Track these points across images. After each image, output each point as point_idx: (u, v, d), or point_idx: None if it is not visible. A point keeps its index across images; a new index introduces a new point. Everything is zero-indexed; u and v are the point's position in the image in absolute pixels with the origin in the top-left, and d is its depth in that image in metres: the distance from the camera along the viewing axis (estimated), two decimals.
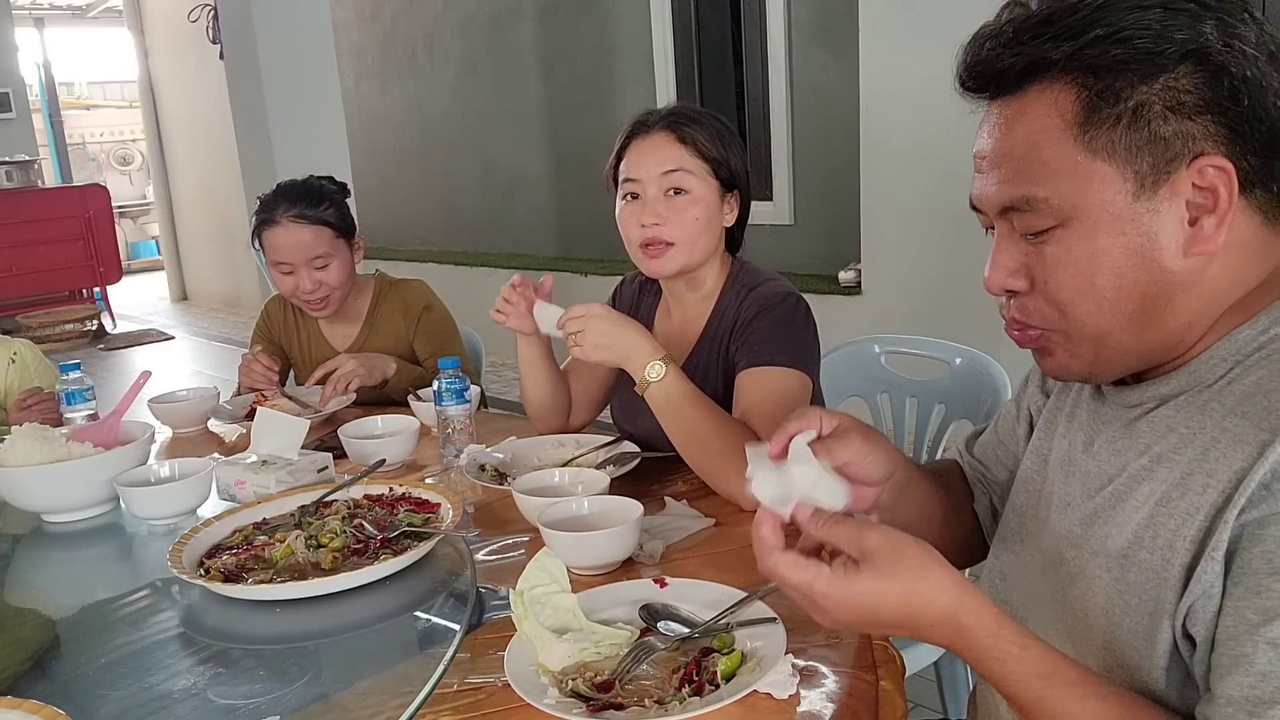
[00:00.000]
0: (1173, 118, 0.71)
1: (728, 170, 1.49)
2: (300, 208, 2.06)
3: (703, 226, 1.48)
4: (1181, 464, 0.73)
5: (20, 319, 7.52)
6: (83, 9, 12.48)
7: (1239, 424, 0.70)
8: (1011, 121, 0.76)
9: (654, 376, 1.35)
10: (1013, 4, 0.77)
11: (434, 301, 2.25)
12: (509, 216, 6.65)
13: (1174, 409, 0.77)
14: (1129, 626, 0.75)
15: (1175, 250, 0.73)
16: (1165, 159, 0.71)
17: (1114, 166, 0.72)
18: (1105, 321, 0.76)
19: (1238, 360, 0.74)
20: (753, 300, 1.48)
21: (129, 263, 11.17)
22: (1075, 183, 0.73)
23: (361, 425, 1.73)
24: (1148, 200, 0.72)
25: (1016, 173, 0.76)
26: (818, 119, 4.68)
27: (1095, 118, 0.72)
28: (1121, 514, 0.77)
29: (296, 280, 2.07)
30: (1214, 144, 0.71)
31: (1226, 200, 0.71)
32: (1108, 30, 0.71)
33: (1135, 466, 0.78)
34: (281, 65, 4.91)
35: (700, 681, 0.87)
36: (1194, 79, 0.70)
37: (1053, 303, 0.78)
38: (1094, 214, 0.73)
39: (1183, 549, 0.71)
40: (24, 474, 1.46)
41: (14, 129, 8.23)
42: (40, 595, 1.35)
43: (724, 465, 1.33)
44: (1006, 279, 0.80)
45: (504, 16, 6.32)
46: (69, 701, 0.89)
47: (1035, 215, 0.76)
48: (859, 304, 4.10)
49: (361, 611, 1.12)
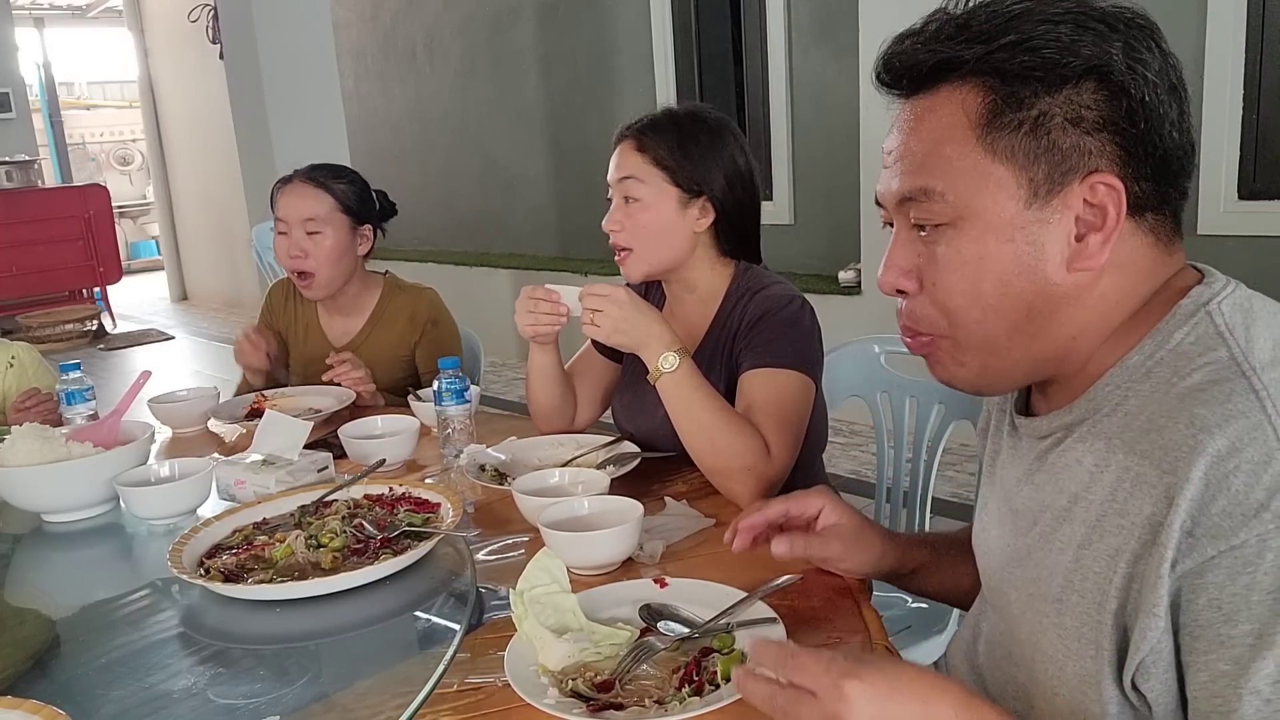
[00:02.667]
0: (1072, 130, 0.73)
1: (686, 177, 1.48)
2: (317, 174, 2.10)
3: (654, 234, 1.49)
4: (1095, 504, 0.74)
5: (20, 319, 7.52)
6: (83, 9, 12.47)
7: (1140, 464, 0.70)
8: (920, 118, 0.78)
9: (667, 367, 1.35)
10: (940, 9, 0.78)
11: (442, 316, 2.22)
12: (509, 216, 6.65)
13: (1079, 440, 0.77)
14: (1074, 670, 0.75)
15: (1059, 263, 0.74)
16: (1061, 170, 0.73)
17: (1011, 171, 0.74)
18: (990, 329, 0.77)
19: (1128, 386, 0.75)
20: (757, 303, 1.48)
21: (129, 263, 11.16)
22: (972, 182, 0.75)
23: (361, 425, 1.73)
24: (1039, 210, 0.74)
25: (918, 165, 0.78)
26: (818, 119, 4.68)
27: (999, 121, 0.74)
28: (1050, 556, 0.78)
29: (288, 243, 2.08)
30: (1108, 162, 0.73)
31: (1114, 219, 0.73)
32: (1019, 37, 0.73)
33: (1056, 506, 0.78)
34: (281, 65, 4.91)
35: (700, 681, 0.87)
36: (1095, 96, 0.72)
37: (940, 307, 0.79)
38: (986, 216, 0.75)
39: (1112, 595, 0.71)
40: (24, 474, 1.46)
41: (14, 129, 8.23)
42: (40, 595, 1.35)
43: (728, 461, 1.33)
44: (898, 278, 0.81)
45: (504, 16, 6.32)
46: (69, 701, 0.89)
47: (930, 205, 0.77)
48: (859, 304, 4.10)
49: (361, 611, 1.12)
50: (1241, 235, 3.20)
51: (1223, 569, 0.64)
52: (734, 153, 1.50)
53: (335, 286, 2.13)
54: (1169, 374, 0.72)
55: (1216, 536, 0.64)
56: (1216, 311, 0.73)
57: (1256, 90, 3.23)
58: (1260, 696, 0.63)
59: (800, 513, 1.07)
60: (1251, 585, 0.64)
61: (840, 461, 3.75)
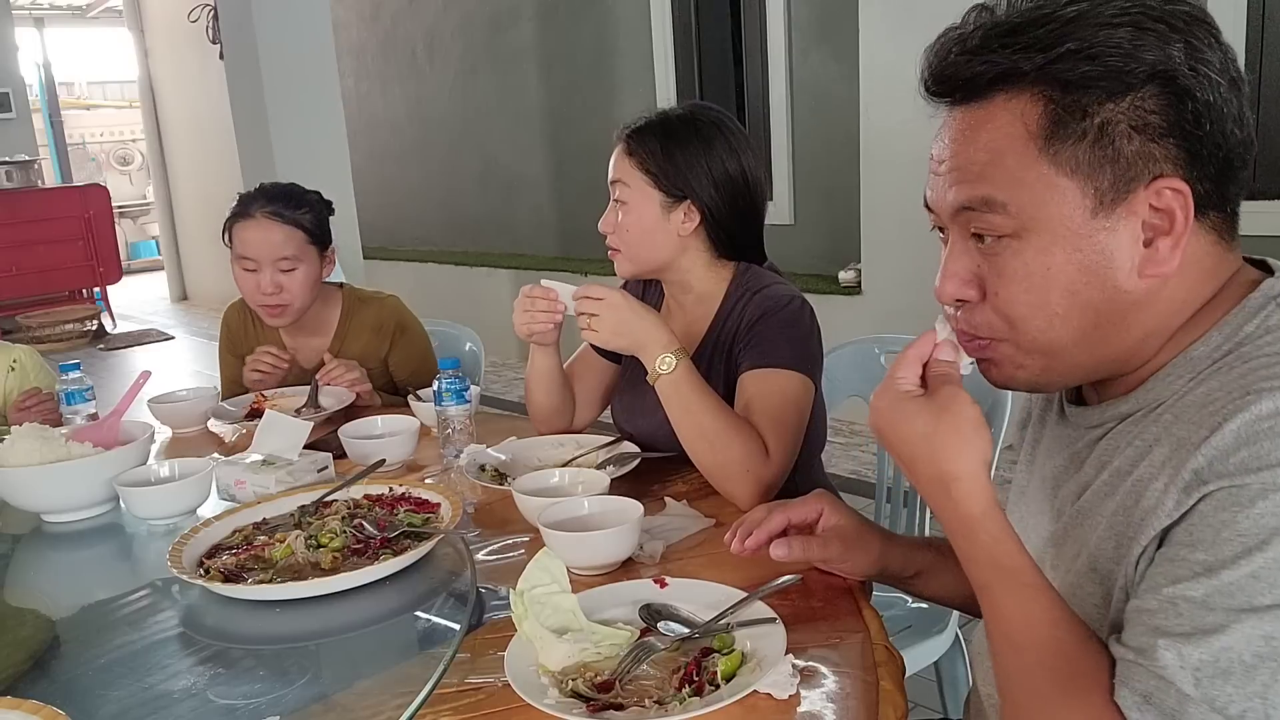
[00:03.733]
0: (1136, 137, 0.71)
1: (669, 182, 1.48)
2: (277, 206, 2.01)
3: (638, 236, 1.50)
4: (1134, 475, 0.73)
5: (20, 319, 7.52)
6: (83, 9, 12.47)
7: (1184, 428, 0.70)
8: (975, 128, 0.76)
9: (665, 368, 1.36)
10: (979, 8, 0.76)
11: (408, 321, 2.18)
12: (509, 216, 6.65)
13: (1133, 424, 0.77)
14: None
15: (1130, 270, 0.73)
16: (1126, 178, 0.72)
17: (1075, 182, 0.72)
18: (1056, 336, 0.77)
19: (1192, 376, 0.74)
20: (756, 303, 1.48)
21: (129, 263, 11.16)
22: (1035, 194, 0.73)
23: (361, 425, 1.73)
24: (1105, 218, 0.73)
25: (977, 175, 0.76)
26: (818, 119, 4.68)
27: (1061, 132, 0.72)
28: (1088, 531, 0.78)
29: (258, 280, 2.01)
30: (1173, 166, 0.71)
31: (1182, 223, 0.72)
32: (1079, 45, 0.71)
33: (1099, 483, 0.78)
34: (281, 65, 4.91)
35: (700, 681, 0.87)
36: (1159, 100, 0.71)
37: (1003, 315, 0.78)
38: (1051, 228, 0.74)
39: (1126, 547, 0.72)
40: (24, 474, 1.45)
41: (14, 129, 8.23)
42: (40, 595, 1.35)
43: (726, 463, 1.33)
44: (959, 288, 0.80)
45: (504, 16, 6.32)
46: (69, 701, 0.89)
47: (992, 217, 0.75)
48: (859, 304, 4.10)
49: (361, 611, 1.12)
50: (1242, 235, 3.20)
51: (1214, 501, 0.64)
52: (724, 156, 1.49)
53: (304, 311, 2.10)
54: (1235, 361, 0.71)
55: (1222, 475, 0.64)
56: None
57: (1257, 90, 3.23)
58: (1175, 608, 0.64)
59: (801, 518, 1.08)
60: (1228, 522, 0.63)
61: (840, 461, 3.75)
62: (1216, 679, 0.62)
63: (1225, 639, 0.62)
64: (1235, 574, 0.62)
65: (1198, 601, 0.63)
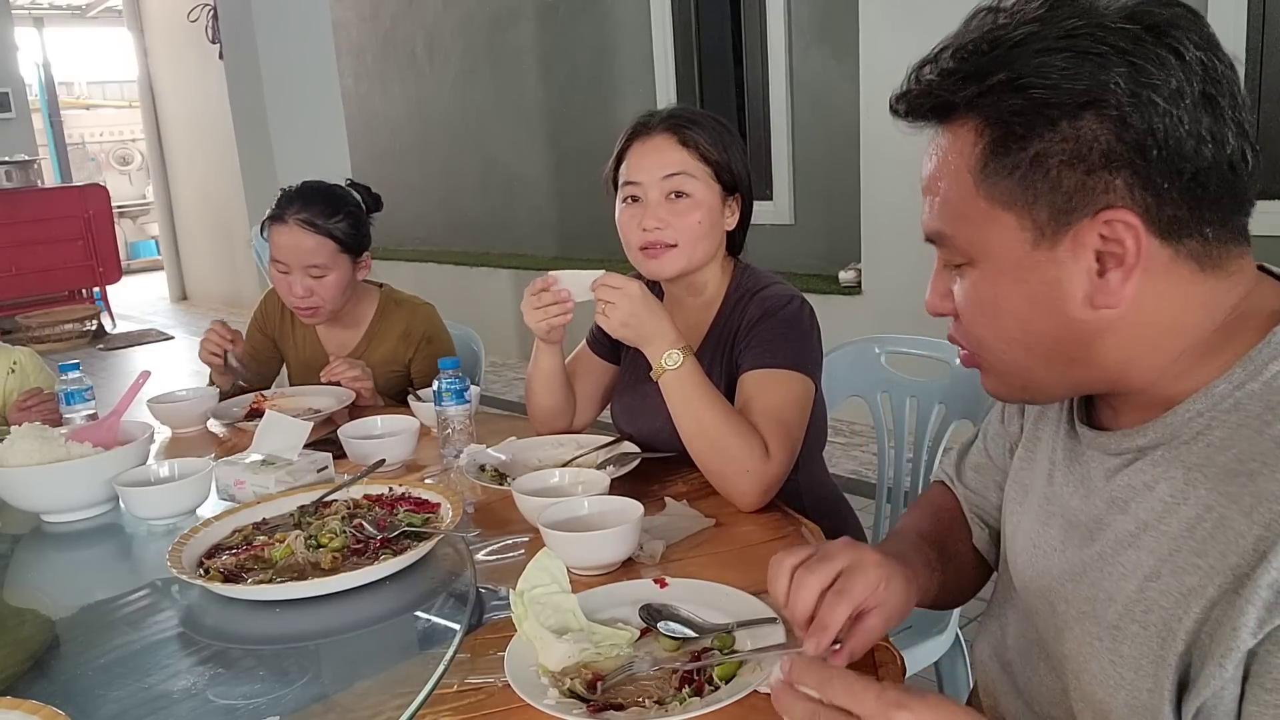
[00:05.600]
0: (1075, 169, 0.68)
1: (730, 173, 1.48)
2: (311, 213, 2.01)
3: (704, 230, 1.48)
4: (1168, 537, 0.70)
5: (20, 319, 7.52)
6: (82, 9, 12.48)
7: (1226, 506, 0.66)
8: (934, 155, 0.77)
9: (670, 365, 1.36)
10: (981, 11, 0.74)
11: (436, 332, 2.20)
12: (509, 216, 6.65)
13: (1152, 464, 0.74)
14: (1124, 700, 0.72)
15: (1081, 301, 0.71)
16: (1065, 210, 0.69)
17: (1012, 214, 0.72)
18: (1019, 360, 0.77)
19: (1213, 415, 0.71)
20: (757, 304, 1.48)
21: (129, 263, 11.17)
22: (976, 227, 0.74)
23: (361, 425, 1.73)
24: (1048, 250, 0.71)
25: (935, 208, 0.77)
26: (818, 119, 4.68)
27: (994, 165, 0.71)
28: (1110, 580, 0.75)
29: (290, 283, 2.03)
30: (1121, 197, 0.68)
31: (1134, 255, 0.69)
32: (1009, 76, 0.69)
33: (1121, 529, 0.75)
34: (281, 65, 4.91)
35: (700, 681, 0.87)
36: (1098, 129, 0.67)
37: (972, 335, 0.79)
38: (995, 259, 0.74)
39: (1180, 636, 0.68)
40: (24, 474, 1.45)
41: (14, 129, 8.23)
42: (40, 595, 1.35)
43: (726, 461, 1.33)
44: (938, 303, 0.82)
45: (504, 16, 6.32)
46: (69, 701, 0.89)
47: (948, 250, 0.78)
48: (859, 304, 4.10)
49: (361, 611, 1.12)
50: None
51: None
52: (744, 152, 1.53)
53: (337, 312, 2.12)
54: (1261, 409, 0.68)
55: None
56: None
57: (1257, 90, 3.24)
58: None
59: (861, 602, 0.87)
60: None
61: (840, 461, 3.75)
62: None
63: None
64: None
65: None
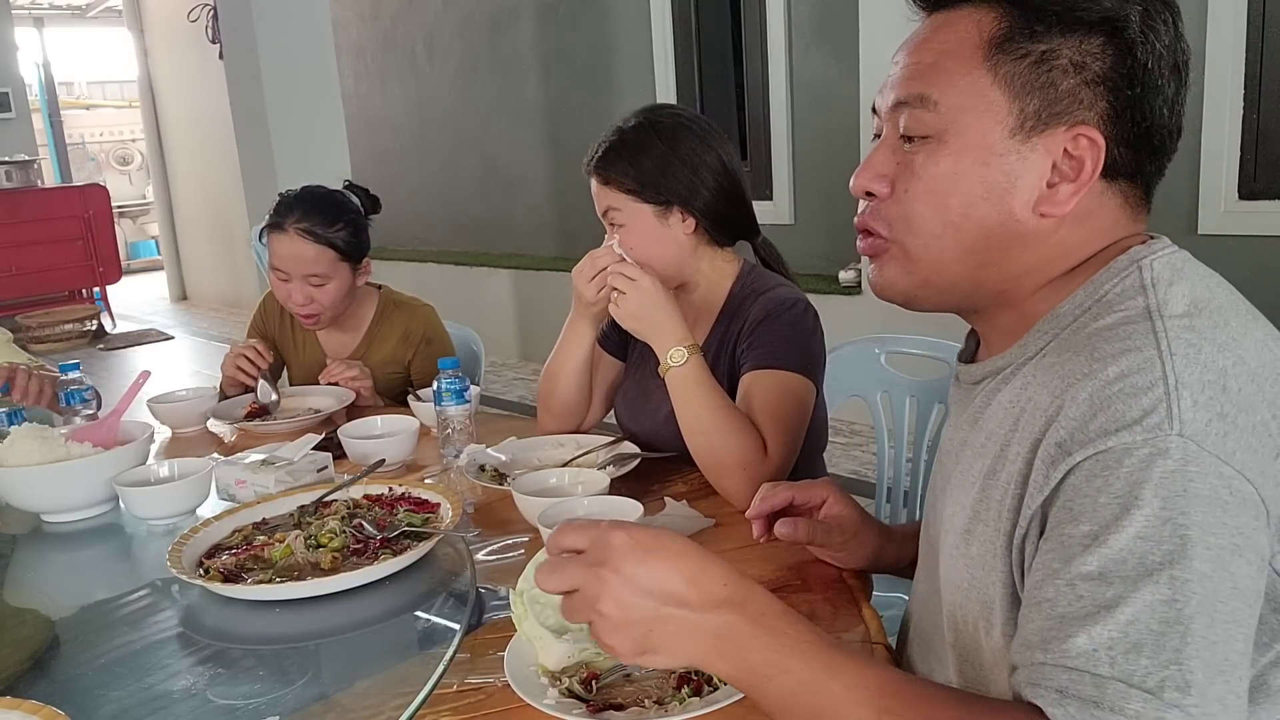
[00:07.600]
0: (1073, 75, 0.75)
1: (652, 192, 1.48)
2: (311, 222, 1.99)
3: (650, 248, 1.49)
4: (999, 435, 0.76)
5: (20, 319, 7.51)
6: (82, 9, 12.47)
7: (1039, 393, 0.72)
8: (936, 30, 0.81)
9: (676, 361, 1.37)
10: None
11: (436, 334, 2.19)
12: (509, 216, 6.65)
13: (1003, 380, 0.80)
14: (977, 599, 0.76)
15: (1027, 202, 0.77)
16: (1052, 111, 0.75)
17: (1005, 97, 0.76)
18: (945, 244, 0.80)
19: (1054, 332, 0.77)
20: (760, 305, 1.48)
21: (129, 263, 11.17)
22: (965, 98, 0.77)
23: (361, 425, 1.73)
24: (1021, 142, 0.76)
25: (920, 73, 0.80)
26: (818, 119, 4.68)
27: (1007, 46, 0.76)
28: (961, 490, 0.80)
29: (289, 290, 2.03)
30: (1096, 118, 0.75)
31: (1089, 173, 0.76)
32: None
33: (974, 443, 0.81)
34: (281, 65, 4.91)
35: (699, 681, 0.87)
36: (1103, 48, 0.75)
37: (903, 213, 0.81)
38: (969, 135, 0.77)
39: (1006, 519, 0.73)
40: (24, 474, 1.45)
41: (14, 129, 8.23)
42: (40, 595, 1.35)
43: (724, 459, 1.34)
44: (871, 181, 0.83)
45: (504, 16, 6.32)
46: (69, 701, 0.89)
47: (922, 114, 0.79)
48: (859, 304, 4.10)
49: (361, 611, 1.12)
50: (1242, 235, 3.20)
51: (1083, 471, 0.66)
52: (694, 149, 1.49)
53: (337, 318, 2.12)
54: (1089, 320, 0.75)
55: (1085, 444, 0.66)
56: (1147, 267, 0.75)
57: (1257, 90, 3.23)
58: (1074, 590, 0.64)
59: (805, 500, 1.10)
60: (1102, 488, 0.64)
61: (840, 461, 3.75)
62: (1130, 654, 0.61)
63: (1128, 610, 0.61)
64: (1122, 537, 0.63)
65: (1094, 576, 0.63)
